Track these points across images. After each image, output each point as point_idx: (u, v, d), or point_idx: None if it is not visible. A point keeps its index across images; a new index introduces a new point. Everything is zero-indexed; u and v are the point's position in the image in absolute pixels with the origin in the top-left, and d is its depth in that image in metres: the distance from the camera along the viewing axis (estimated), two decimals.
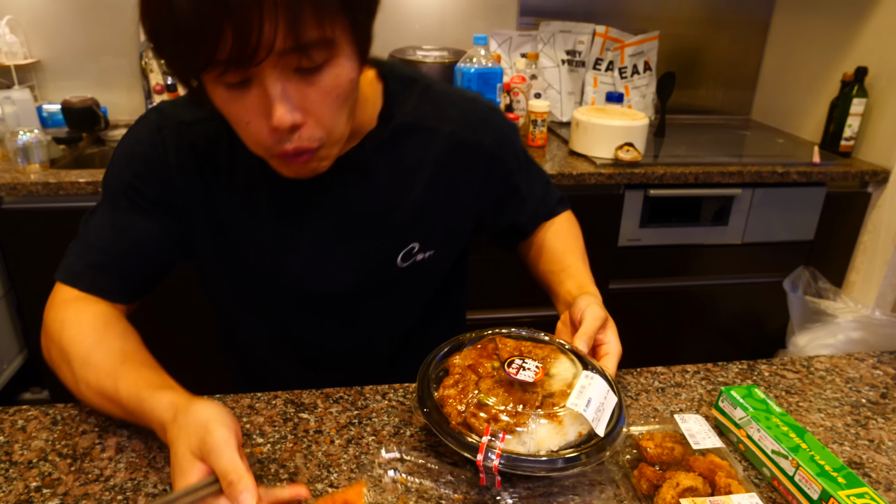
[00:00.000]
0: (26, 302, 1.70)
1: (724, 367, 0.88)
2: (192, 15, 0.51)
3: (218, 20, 0.51)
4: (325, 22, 0.55)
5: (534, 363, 0.68)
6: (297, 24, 0.53)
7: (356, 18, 0.59)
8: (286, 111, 0.58)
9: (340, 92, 0.62)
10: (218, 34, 0.52)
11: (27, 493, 0.62)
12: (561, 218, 0.98)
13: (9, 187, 1.54)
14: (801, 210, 1.94)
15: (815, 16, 2.20)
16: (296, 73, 0.58)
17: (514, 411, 0.62)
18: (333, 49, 0.58)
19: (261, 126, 0.60)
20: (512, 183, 0.89)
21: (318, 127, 0.62)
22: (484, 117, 0.84)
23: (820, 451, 0.63)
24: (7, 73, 1.99)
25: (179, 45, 0.54)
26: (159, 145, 0.74)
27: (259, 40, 0.52)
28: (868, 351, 0.94)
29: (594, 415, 0.62)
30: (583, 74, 2.32)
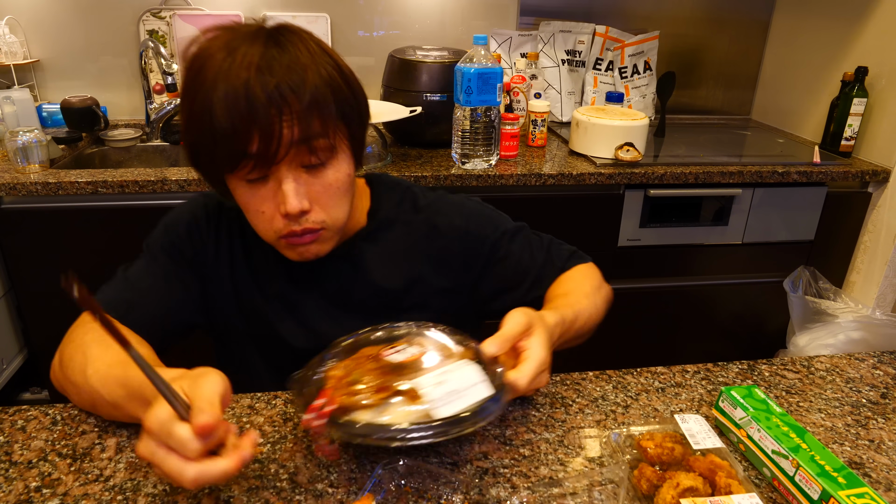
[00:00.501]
0: (26, 302, 1.70)
1: (724, 367, 0.88)
2: (229, 125, 0.67)
3: (248, 127, 0.67)
4: (329, 128, 0.72)
5: (416, 349, 0.68)
6: (307, 130, 0.70)
7: (351, 128, 0.76)
8: (296, 199, 0.72)
9: (340, 185, 0.76)
10: (248, 138, 0.68)
11: (27, 493, 0.62)
12: (573, 270, 0.95)
13: (9, 187, 1.54)
14: (802, 210, 1.94)
15: (815, 16, 2.20)
16: (304, 169, 0.73)
17: (375, 387, 0.63)
18: (334, 151, 0.74)
19: (274, 213, 0.74)
20: (499, 254, 0.93)
21: (322, 212, 0.76)
22: (454, 203, 0.95)
23: (820, 451, 0.63)
24: (7, 73, 1.99)
25: (217, 150, 0.69)
26: (202, 217, 0.88)
27: (279, 142, 0.68)
28: (868, 351, 0.94)
29: (444, 397, 0.61)
30: (583, 74, 2.32)
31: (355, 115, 0.76)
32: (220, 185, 0.77)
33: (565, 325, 0.78)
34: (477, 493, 0.63)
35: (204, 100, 0.68)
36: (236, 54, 0.68)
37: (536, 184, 1.72)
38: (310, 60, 0.70)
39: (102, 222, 1.63)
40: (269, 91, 0.66)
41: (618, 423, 0.75)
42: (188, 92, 0.71)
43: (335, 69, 0.73)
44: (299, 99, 0.68)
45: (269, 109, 0.67)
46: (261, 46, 0.69)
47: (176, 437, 0.52)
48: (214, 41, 0.71)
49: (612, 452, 0.68)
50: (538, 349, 0.68)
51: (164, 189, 1.59)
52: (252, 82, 0.66)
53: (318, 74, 0.70)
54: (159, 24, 2.10)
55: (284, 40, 0.71)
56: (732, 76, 2.45)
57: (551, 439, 0.71)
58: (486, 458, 0.68)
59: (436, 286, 0.91)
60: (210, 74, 0.68)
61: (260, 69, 0.67)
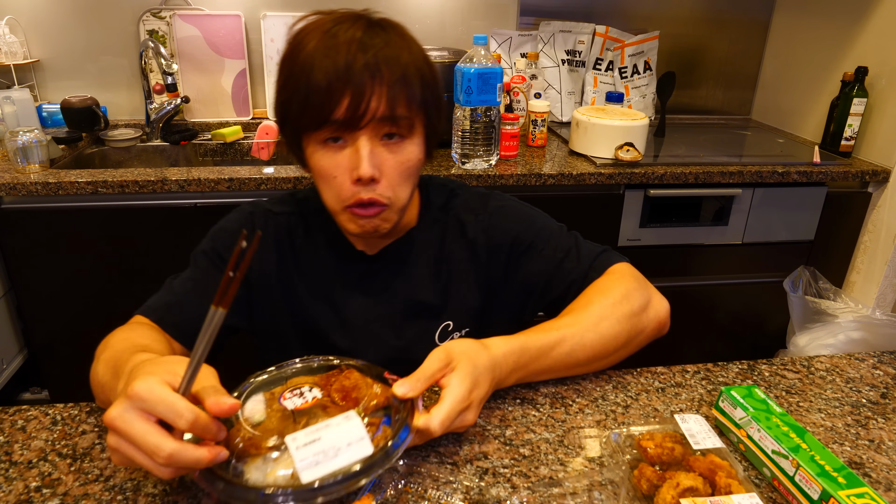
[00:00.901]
0: (26, 302, 1.70)
1: (724, 367, 0.88)
2: (324, 84, 0.72)
3: (342, 87, 0.72)
4: (412, 107, 0.76)
5: (317, 392, 0.63)
6: (393, 102, 0.74)
7: (429, 116, 0.80)
8: (369, 165, 0.75)
9: (410, 165, 0.79)
10: (340, 98, 0.72)
11: (27, 493, 0.62)
12: (602, 279, 0.87)
13: (9, 187, 1.54)
14: (802, 210, 1.94)
15: (815, 16, 2.19)
16: (381, 142, 0.76)
17: (271, 433, 0.59)
18: (413, 129, 0.78)
19: (345, 179, 0.77)
20: (525, 246, 0.90)
21: (389, 188, 0.78)
22: (496, 200, 0.94)
23: (820, 451, 0.63)
24: (7, 73, 1.99)
25: (308, 106, 0.73)
26: (247, 225, 0.91)
27: (367, 107, 0.72)
28: (868, 351, 0.94)
29: (312, 458, 0.56)
30: (583, 74, 2.32)
31: (434, 106, 0.80)
32: (298, 149, 0.81)
33: (528, 354, 0.75)
34: (477, 493, 0.63)
35: (304, 60, 0.73)
36: (340, 27, 0.74)
37: (536, 184, 1.72)
38: (405, 45, 0.76)
39: (102, 222, 1.63)
40: (367, 59, 0.72)
41: (618, 423, 0.75)
42: (289, 56, 0.76)
43: (424, 61, 0.78)
44: (391, 72, 0.73)
45: (363, 74, 0.72)
46: (363, 26, 0.75)
47: (169, 402, 0.51)
48: (319, 19, 0.76)
49: (612, 452, 0.68)
50: (456, 388, 0.64)
51: (164, 189, 1.59)
52: (353, 49, 0.72)
53: (410, 58, 0.76)
54: (159, 24, 2.10)
55: (385, 25, 0.77)
56: (732, 76, 2.45)
57: (551, 439, 0.71)
58: (486, 458, 0.68)
59: (478, 281, 0.91)
60: (313, 41, 0.73)
61: (361, 41, 0.73)
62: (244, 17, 2.11)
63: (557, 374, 0.82)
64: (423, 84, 0.77)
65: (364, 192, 0.77)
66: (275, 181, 1.62)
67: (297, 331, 0.91)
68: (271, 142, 2.06)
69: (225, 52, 2.14)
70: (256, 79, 2.21)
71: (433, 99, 0.80)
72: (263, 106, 2.25)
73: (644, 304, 0.84)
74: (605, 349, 0.80)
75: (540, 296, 0.90)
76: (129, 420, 0.51)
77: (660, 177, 1.78)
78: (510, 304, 0.93)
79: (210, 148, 2.09)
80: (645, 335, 0.85)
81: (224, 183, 1.60)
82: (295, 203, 0.93)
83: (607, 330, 0.80)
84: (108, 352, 0.73)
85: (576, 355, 0.79)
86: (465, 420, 0.66)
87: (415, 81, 0.76)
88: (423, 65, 0.78)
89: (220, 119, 2.20)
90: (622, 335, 0.81)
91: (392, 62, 0.74)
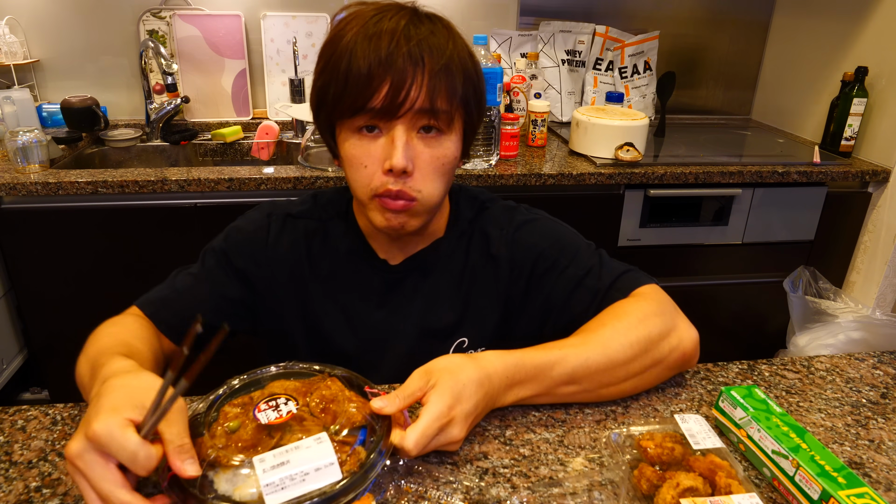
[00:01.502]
0: (26, 302, 1.70)
1: (724, 367, 0.88)
2: (366, 67, 0.70)
3: (383, 73, 0.70)
4: (453, 101, 0.74)
5: (292, 406, 0.62)
6: (434, 93, 0.72)
7: (469, 114, 0.78)
8: (403, 156, 0.72)
9: (445, 162, 0.77)
10: (380, 83, 0.70)
11: (27, 493, 0.62)
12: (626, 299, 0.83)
13: (9, 187, 1.54)
14: (802, 210, 1.94)
15: (815, 16, 2.19)
16: (418, 133, 0.75)
17: (244, 445, 0.59)
18: (452, 125, 0.76)
19: (376, 168, 0.75)
20: (549, 264, 0.87)
21: (421, 181, 0.76)
22: (522, 214, 0.92)
23: (820, 451, 0.63)
24: (7, 73, 1.99)
25: (347, 90, 0.72)
26: (264, 227, 0.89)
27: (406, 96, 0.70)
28: (868, 351, 0.94)
29: (278, 483, 0.55)
30: (583, 74, 2.32)
31: (475, 104, 0.78)
32: (331, 136, 0.79)
33: (524, 370, 0.71)
34: (477, 493, 0.63)
35: (346, 45, 0.71)
36: (385, 15, 0.73)
37: (536, 184, 1.72)
38: (450, 37, 0.74)
39: (102, 222, 1.63)
40: (411, 46, 0.70)
41: (618, 423, 0.75)
42: (330, 41, 0.74)
43: (469, 56, 0.76)
44: (434, 62, 0.71)
45: (406, 62, 0.70)
46: (408, 15, 0.74)
47: (129, 451, 0.51)
48: (364, 8, 0.75)
49: (612, 452, 0.68)
50: (433, 405, 0.62)
51: (164, 189, 1.59)
52: (397, 35, 0.70)
53: (455, 50, 0.74)
54: (159, 24, 2.10)
55: (432, 17, 0.76)
56: (732, 76, 2.45)
57: (551, 439, 0.71)
58: (486, 458, 0.68)
59: (498, 299, 0.89)
60: (356, 27, 0.72)
61: (406, 29, 0.71)
62: (244, 17, 2.11)
63: (563, 398, 0.75)
64: (466, 79, 0.75)
65: (394, 182, 0.75)
66: (275, 181, 1.62)
67: (308, 336, 0.90)
68: (271, 142, 2.06)
69: (225, 52, 2.14)
70: (256, 79, 2.21)
71: (475, 96, 0.78)
72: (263, 106, 2.25)
73: (665, 330, 0.77)
74: (612, 374, 0.74)
75: (558, 315, 0.86)
76: (88, 462, 0.52)
77: (660, 177, 1.78)
78: (529, 323, 0.89)
79: (210, 148, 2.09)
80: (664, 366, 0.77)
81: (224, 183, 1.60)
82: (316, 207, 0.91)
83: (617, 354, 0.74)
84: (93, 347, 0.73)
85: (579, 377, 0.73)
86: (451, 436, 0.63)
87: (457, 75, 0.74)
88: (467, 59, 0.76)
89: (220, 119, 2.20)
90: (634, 362, 0.75)
91: (436, 52, 0.72)
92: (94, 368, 0.67)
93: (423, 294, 0.88)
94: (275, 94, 2.20)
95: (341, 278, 0.88)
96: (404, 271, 0.88)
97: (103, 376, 0.61)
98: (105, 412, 0.53)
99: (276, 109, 2.12)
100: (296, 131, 2.08)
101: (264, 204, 0.93)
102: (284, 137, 2.08)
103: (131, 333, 0.77)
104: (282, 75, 2.17)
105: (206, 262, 0.88)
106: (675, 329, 0.79)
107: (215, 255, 0.88)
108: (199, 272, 0.87)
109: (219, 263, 0.87)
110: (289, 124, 2.15)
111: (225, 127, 2.11)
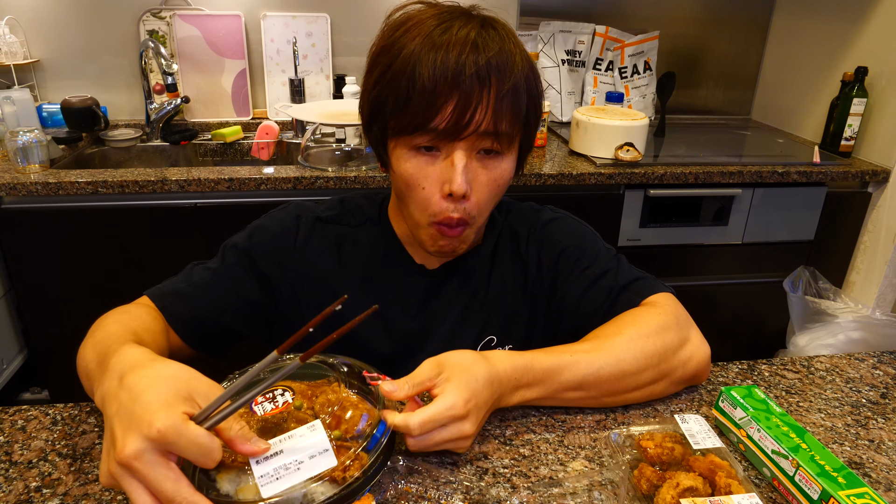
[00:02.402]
0: (26, 302, 1.70)
1: (724, 367, 0.88)
2: (431, 83, 0.66)
3: (450, 91, 0.67)
4: (515, 124, 0.71)
5: (289, 396, 0.61)
6: (499, 116, 0.69)
7: (529, 130, 0.75)
8: (464, 181, 0.70)
9: (501, 183, 0.75)
10: (446, 101, 0.67)
11: (27, 493, 0.62)
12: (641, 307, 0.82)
13: (9, 187, 1.54)
14: (801, 210, 1.94)
15: (815, 16, 2.20)
16: (478, 155, 0.72)
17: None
18: (512, 146, 0.74)
19: (434, 192, 0.72)
20: (571, 262, 0.87)
21: (477, 205, 0.74)
22: (548, 213, 0.92)
23: (820, 451, 0.63)
24: (7, 73, 1.99)
25: (410, 106, 0.68)
26: (291, 229, 0.86)
27: (471, 118, 0.67)
28: (868, 351, 0.94)
29: (273, 472, 0.54)
30: (583, 74, 2.32)
31: (535, 120, 0.76)
32: (382, 149, 0.75)
33: (532, 372, 0.70)
34: (477, 493, 0.63)
35: (409, 55, 0.67)
36: (452, 25, 0.68)
37: (536, 184, 1.72)
38: (518, 55, 0.70)
39: (102, 222, 1.63)
40: (479, 65, 0.66)
41: (618, 423, 0.75)
42: (390, 47, 0.69)
43: (531, 70, 0.73)
44: (502, 82, 0.68)
45: (473, 81, 0.66)
46: (477, 26, 0.69)
47: (202, 446, 0.48)
48: (426, 10, 0.71)
49: (612, 452, 0.68)
50: (449, 394, 0.61)
51: (164, 189, 1.59)
52: (466, 52, 0.66)
53: (522, 69, 0.70)
54: (159, 24, 2.10)
55: (498, 27, 0.71)
56: (732, 76, 2.46)
57: (551, 439, 0.71)
58: (486, 458, 0.68)
59: (526, 298, 0.88)
60: (420, 36, 0.67)
61: (475, 44, 0.67)
62: (244, 17, 2.11)
63: (567, 403, 0.74)
64: (530, 98, 0.72)
65: (454, 209, 0.73)
66: (275, 181, 1.62)
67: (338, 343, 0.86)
68: (271, 142, 2.06)
69: (225, 52, 2.14)
70: (256, 79, 2.21)
71: (535, 112, 0.74)
72: (263, 106, 2.25)
73: (678, 344, 0.77)
74: (621, 385, 0.73)
75: (572, 313, 0.86)
76: (148, 462, 0.48)
77: (660, 177, 1.78)
78: (549, 320, 0.89)
79: (210, 148, 2.09)
80: (673, 380, 0.77)
81: (224, 183, 1.60)
82: (345, 213, 0.88)
83: (629, 365, 0.73)
84: (100, 333, 0.68)
85: (587, 385, 0.72)
86: (463, 430, 0.62)
87: (523, 95, 0.70)
88: (531, 74, 0.72)
89: (220, 119, 2.20)
90: (645, 373, 0.74)
91: (504, 71, 0.68)
92: (101, 356, 0.62)
93: (461, 298, 0.87)
94: (275, 94, 2.20)
95: (376, 285, 0.85)
96: (442, 276, 0.86)
97: (119, 367, 0.56)
98: (161, 409, 0.49)
99: (276, 109, 2.12)
100: (296, 131, 2.08)
101: (291, 205, 0.89)
102: (284, 137, 2.08)
103: (140, 324, 0.72)
104: (282, 75, 2.17)
105: (226, 258, 0.84)
106: (689, 343, 0.78)
107: (237, 252, 0.84)
108: (219, 268, 0.83)
109: (240, 262, 0.83)
110: (289, 124, 2.15)
111: (225, 127, 2.11)
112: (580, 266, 0.86)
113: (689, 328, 0.80)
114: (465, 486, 0.64)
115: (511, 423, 0.74)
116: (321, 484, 0.57)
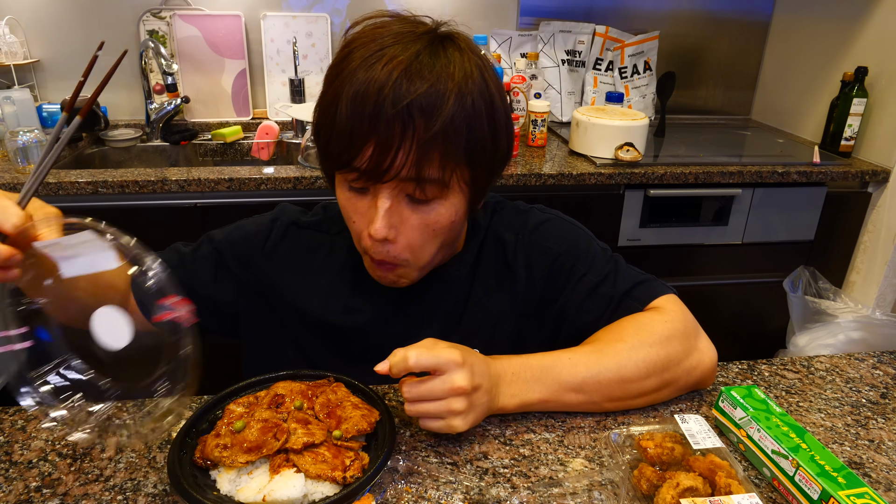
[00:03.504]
0: None
1: (724, 367, 0.88)
2: (348, 126, 0.63)
3: (366, 135, 0.63)
4: (447, 167, 0.66)
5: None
6: (422, 162, 0.64)
7: (475, 171, 0.69)
8: (384, 226, 0.67)
9: (437, 228, 0.70)
10: (362, 146, 0.63)
11: (27, 493, 0.62)
12: (646, 312, 0.81)
13: (9, 187, 1.54)
14: (801, 210, 1.94)
15: (815, 16, 2.20)
16: (406, 198, 0.68)
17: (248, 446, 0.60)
18: (446, 191, 0.68)
19: (363, 226, 0.70)
20: (566, 271, 0.83)
21: (407, 250, 0.71)
22: (536, 216, 0.87)
23: (820, 451, 0.63)
24: (7, 73, 1.99)
25: (332, 144, 0.66)
26: (265, 232, 0.86)
27: (391, 163, 0.63)
28: (868, 351, 0.94)
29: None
30: (583, 74, 2.32)
31: (485, 159, 0.69)
32: (330, 177, 0.74)
33: (529, 370, 0.71)
34: (477, 493, 0.63)
35: (336, 90, 0.64)
36: (386, 52, 0.62)
37: (536, 184, 1.72)
38: (459, 84, 0.63)
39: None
40: (400, 108, 0.61)
41: (618, 423, 0.75)
42: (332, 70, 0.67)
43: (484, 102, 0.66)
44: (427, 125, 0.62)
45: (393, 125, 0.62)
46: (414, 52, 0.63)
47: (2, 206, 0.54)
48: (375, 29, 0.66)
49: (612, 452, 0.68)
50: (448, 348, 0.65)
51: (164, 189, 1.59)
52: (386, 91, 0.61)
53: (460, 103, 0.63)
54: (159, 24, 2.10)
55: (443, 52, 0.64)
56: (732, 76, 2.46)
57: (551, 439, 0.71)
58: (486, 458, 0.68)
59: (513, 307, 0.85)
60: (353, 63, 0.63)
61: (399, 79, 0.61)
62: (244, 17, 2.11)
63: (568, 407, 0.73)
64: (471, 135, 0.65)
65: (377, 251, 0.70)
66: (275, 181, 1.62)
67: (298, 349, 0.85)
68: (271, 142, 2.06)
69: (225, 52, 2.14)
70: (256, 79, 2.21)
71: (484, 150, 0.68)
72: (263, 106, 2.25)
73: (683, 354, 0.75)
74: (623, 390, 0.73)
75: (571, 323, 0.83)
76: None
77: (660, 177, 1.78)
78: (544, 329, 0.85)
79: (210, 148, 2.09)
80: (677, 387, 0.76)
81: (224, 183, 1.60)
82: (325, 220, 0.86)
83: (630, 373, 0.72)
84: None
85: (587, 388, 0.72)
86: (452, 406, 0.64)
87: (458, 134, 0.64)
88: (479, 108, 0.65)
89: (220, 119, 2.20)
90: (648, 382, 0.73)
91: (430, 112, 0.62)
92: None
93: (438, 308, 0.84)
94: (275, 95, 2.20)
95: (349, 294, 0.83)
96: (420, 286, 0.81)
97: None
98: None
99: (276, 109, 2.12)
100: (296, 131, 2.08)
101: (277, 208, 0.90)
102: (284, 137, 2.08)
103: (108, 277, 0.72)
104: (282, 75, 2.17)
105: (199, 249, 0.85)
106: (695, 350, 0.77)
107: (211, 245, 0.85)
108: (188, 255, 0.85)
109: (210, 255, 0.85)
110: (289, 124, 2.15)
111: (225, 127, 2.11)
112: (576, 274, 0.82)
113: (696, 336, 0.79)
114: (465, 486, 0.64)
115: (511, 423, 0.74)
116: (321, 484, 0.57)
